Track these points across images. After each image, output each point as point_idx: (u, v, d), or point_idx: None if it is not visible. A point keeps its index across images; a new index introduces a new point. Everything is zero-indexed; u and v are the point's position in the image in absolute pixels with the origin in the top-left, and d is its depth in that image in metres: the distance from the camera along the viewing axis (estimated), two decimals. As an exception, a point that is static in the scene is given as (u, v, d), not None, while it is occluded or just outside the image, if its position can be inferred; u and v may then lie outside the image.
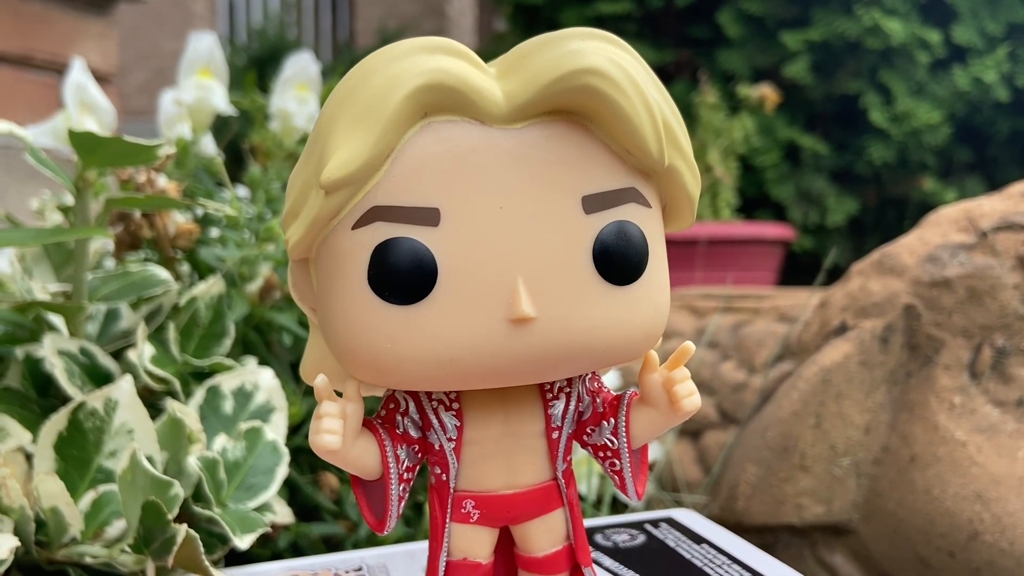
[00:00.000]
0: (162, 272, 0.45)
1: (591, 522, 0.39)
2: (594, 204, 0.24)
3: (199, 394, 0.42)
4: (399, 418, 0.26)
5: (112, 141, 0.37)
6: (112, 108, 0.52)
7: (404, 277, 0.23)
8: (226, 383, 0.43)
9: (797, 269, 1.28)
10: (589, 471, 0.55)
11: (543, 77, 0.23)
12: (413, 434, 0.26)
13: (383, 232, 0.23)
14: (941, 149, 1.22)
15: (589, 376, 0.28)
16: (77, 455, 0.37)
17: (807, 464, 0.53)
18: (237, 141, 0.68)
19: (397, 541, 0.48)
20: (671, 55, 1.35)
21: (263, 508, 0.40)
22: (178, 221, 0.49)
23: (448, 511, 0.27)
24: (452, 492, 0.26)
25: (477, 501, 0.26)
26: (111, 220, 0.47)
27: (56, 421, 0.37)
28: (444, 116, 0.23)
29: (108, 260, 0.54)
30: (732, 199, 1.13)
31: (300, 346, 0.52)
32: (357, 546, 0.48)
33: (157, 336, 0.44)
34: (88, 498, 0.37)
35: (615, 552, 0.36)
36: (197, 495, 0.38)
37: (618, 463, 0.27)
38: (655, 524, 0.38)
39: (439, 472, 0.27)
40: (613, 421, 0.27)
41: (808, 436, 0.53)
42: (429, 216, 0.23)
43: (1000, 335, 0.50)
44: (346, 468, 0.25)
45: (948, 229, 0.53)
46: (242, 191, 0.64)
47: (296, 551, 0.48)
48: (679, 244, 0.98)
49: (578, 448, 0.28)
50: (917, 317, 0.52)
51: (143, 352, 0.42)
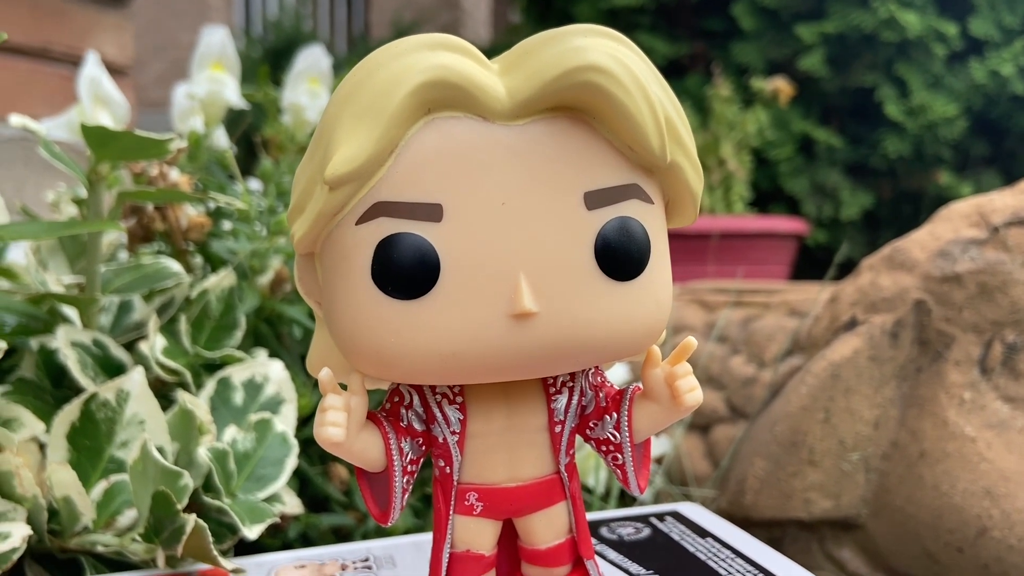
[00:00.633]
0: (174, 265, 0.46)
1: (597, 515, 0.40)
2: (596, 200, 0.24)
3: (210, 386, 0.43)
4: (403, 411, 0.27)
5: (123, 135, 0.38)
6: (126, 102, 0.53)
7: (407, 272, 0.23)
8: (236, 375, 0.43)
9: (811, 263, 1.28)
10: (597, 464, 0.55)
11: (546, 73, 0.23)
12: (417, 427, 0.27)
13: (386, 227, 0.23)
14: (957, 143, 1.21)
15: (592, 371, 0.28)
16: (89, 445, 0.38)
17: (815, 459, 0.53)
18: (251, 134, 0.68)
19: (407, 532, 0.48)
20: (685, 48, 1.34)
21: (272, 499, 0.40)
22: (190, 214, 0.49)
23: (452, 503, 0.27)
24: (456, 485, 0.27)
25: (480, 494, 0.27)
26: (124, 213, 0.48)
27: (69, 412, 0.38)
28: (447, 112, 0.23)
29: (122, 252, 0.54)
30: (745, 193, 1.12)
31: (310, 339, 0.52)
32: (366, 537, 0.49)
33: (169, 328, 0.45)
34: (100, 488, 0.37)
35: (620, 545, 0.36)
36: (207, 485, 0.38)
37: (620, 457, 0.27)
38: (660, 518, 0.39)
39: (443, 465, 0.27)
40: (616, 415, 0.27)
41: (817, 431, 0.53)
42: (432, 212, 0.23)
43: (1011, 331, 0.50)
44: (350, 460, 0.26)
45: (959, 224, 0.53)
46: (255, 184, 0.65)
47: (306, 541, 0.48)
48: (691, 238, 0.98)
49: (585, 442, 0.28)
50: (927, 312, 0.52)
51: (155, 344, 0.42)
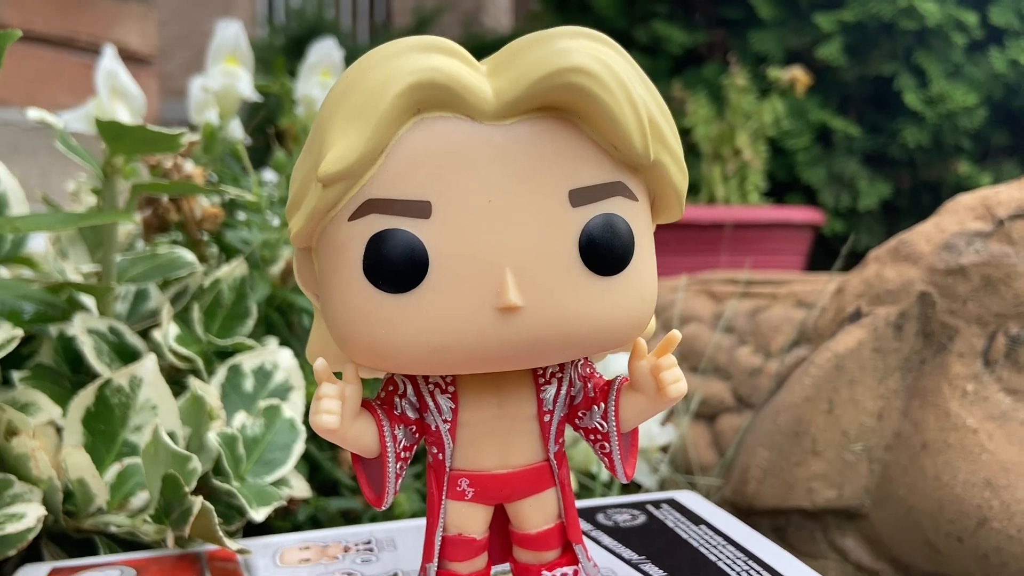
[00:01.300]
0: (188, 254, 0.47)
1: (594, 502, 0.40)
2: (581, 198, 0.25)
3: (221, 372, 0.44)
4: (397, 400, 0.28)
5: (137, 129, 0.39)
6: (142, 95, 0.54)
7: (397, 267, 0.24)
8: (247, 362, 0.44)
9: (829, 253, 1.27)
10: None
11: (531, 75, 0.24)
12: (411, 415, 0.27)
13: (377, 224, 0.24)
14: (977, 132, 1.20)
15: (581, 362, 0.29)
16: (104, 429, 0.39)
17: (818, 449, 0.53)
18: (269, 124, 0.69)
19: (415, 516, 0.50)
20: (703, 36, 1.34)
21: (280, 482, 0.41)
22: (204, 205, 0.50)
23: (444, 489, 0.28)
24: (448, 471, 0.28)
25: (472, 480, 0.28)
26: (139, 204, 0.49)
27: (84, 396, 0.39)
28: (436, 112, 0.24)
29: (139, 242, 0.55)
30: (760, 183, 1.12)
31: (321, 327, 0.53)
32: (374, 520, 0.50)
33: (182, 316, 0.46)
34: (114, 470, 0.39)
35: (615, 531, 0.37)
36: (217, 469, 0.40)
37: (608, 446, 0.28)
38: (656, 505, 0.39)
39: (436, 452, 0.28)
40: (603, 405, 0.28)
41: (820, 421, 0.53)
42: (421, 209, 0.24)
43: (1014, 323, 0.50)
44: (346, 446, 0.27)
45: (965, 217, 0.53)
46: (270, 175, 0.66)
47: (315, 524, 0.50)
48: (704, 228, 0.99)
49: (574, 431, 0.29)
50: (932, 305, 0.52)
51: (168, 332, 0.44)
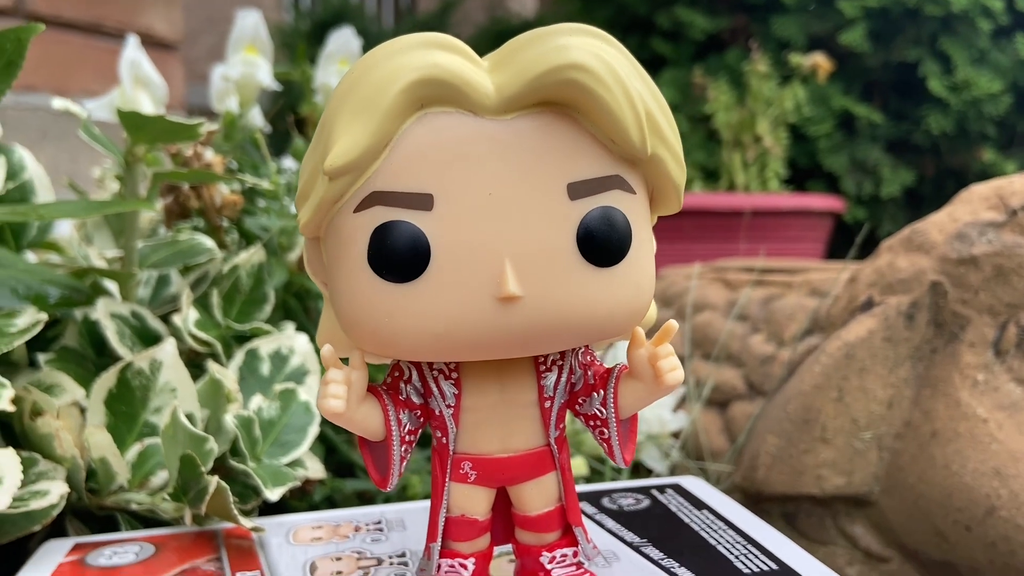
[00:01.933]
0: (207, 241, 0.48)
1: (601, 486, 0.41)
2: (579, 191, 0.25)
3: (239, 356, 0.45)
4: (403, 385, 0.28)
5: (157, 120, 0.40)
6: (165, 84, 0.55)
7: (400, 257, 0.25)
8: (264, 347, 0.46)
9: (852, 241, 1.27)
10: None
11: (531, 71, 0.24)
12: (415, 400, 0.28)
13: (381, 215, 0.25)
14: (1002, 119, 1.19)
15: (582, 350, 0.29)
16: (125, 411, 0.41)
17: (828, 437, 0.54)
18: (289, 112, 0.70)
19: (426, 497, 0.51)
20: (726, 22, 1.33)
21: (295, 464, 0.42)
22: (224, 192, 0.51)
23: (448, 471, 0.29)
24: (451, 454, 0.29)
25: (474, 463, 0.29)
26: (161, 192, 0.50)
27: (106, 379, 0.40)
28: (439, 108, 0.25)
29: (162, 228, 0.57)
30: (781, 170, 1.11)
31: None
32: (388, 501, 0.51)
33: (202, 301, 0.47)
34: (135, 450, 0.40)
35: (619, 515, 0.37)
36: (234, 450, 0.41)
37: (607, 431, 0.29)
38: (661, 490, 0.40)
39: (440, 436, 0.29)
40: (603, 392, 0.29)
41: (830, 409, 0.54)
42: (423, 201, 0.25)
43: (1026, 314, 0.50)
44: (352, 429, 0.28)
45: (978, 207, 0.53)
46: (290, 163, 0.67)
47: (331, 505, 0.51)
48: (723, 215, 0.98)
49: (575, 417, 0.30)
50: (943, 294, 0.52)
51: (187, 316, 0.45)
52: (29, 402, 0.38)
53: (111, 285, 0.48)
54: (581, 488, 0.41)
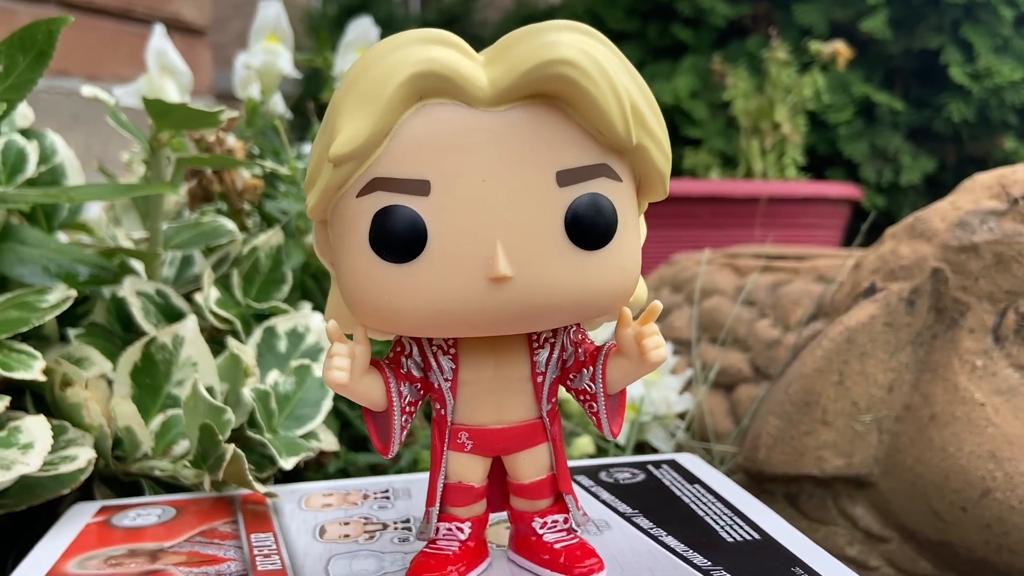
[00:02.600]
0: (229, 223, 0.50)
1: (600, 460, 0.43)
2: (567, 178, 0.27)
3: (257, 334, 0.47)
4: (404, 360, 0.30)
5: (180, 107, 0.42)
6: (189, 71, 0.57)
7: (399, 239, 0.26)
8: (281, 325, 0.48)
9: (872, 228, 1.27)
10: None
11: (522, 65, 0.26)
12: (415, 374, 0.30)
13: (382, 200, 0.27)
14: (1023, 108, 1.19)
15: (574, 328, 0.31)
16: (150, 383, 0.43)
17: (828, 419, 0.55)
18: (310, 99, 0.72)
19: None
20: (747, 8, 1.33)
21: (309, 436, 0.45)
22: (245, 177, 0.54)
23: (446, 441, 0.31)
24: (449, 425, 0.30)
25: (471, 433, 0.30)
26: (185, 176, 0.53)
27: (132, 352, 0.43)
28: (436, 99, 0.27)
29: (187, 211, 0.59)
30: (798, 157, 1.12)
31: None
32: (400, 473, 0.53)
33: (223, 281, 0.50)
34: (158, 420, 0.42)
35: (614, 487, 0.39)
36: (251, 422, 0.43)
37: (595, 405, 0.30)
38: (657, 465, 0.42)
39: (439, 407, 0.31)
40: (592, 369, 0.30)
41: (831, 392, 0.55)
42: (421, 187, 0.26)
43: (1025, 301, 0.51)
44: (356, 400, 0.29)
45: (981, 195, 0.54)
46: (310, 148, 0.69)
47: (345, 476, 0.53)
48: (739, 202, 0.99)
49: (566, 392, 0.32)
50: (944, 281, 0.53)
51: (209, 295, 0.47)
52: (59, 374, 0.40)
53: (138, 265, 0.50)
54: (583, 463, 0.43)
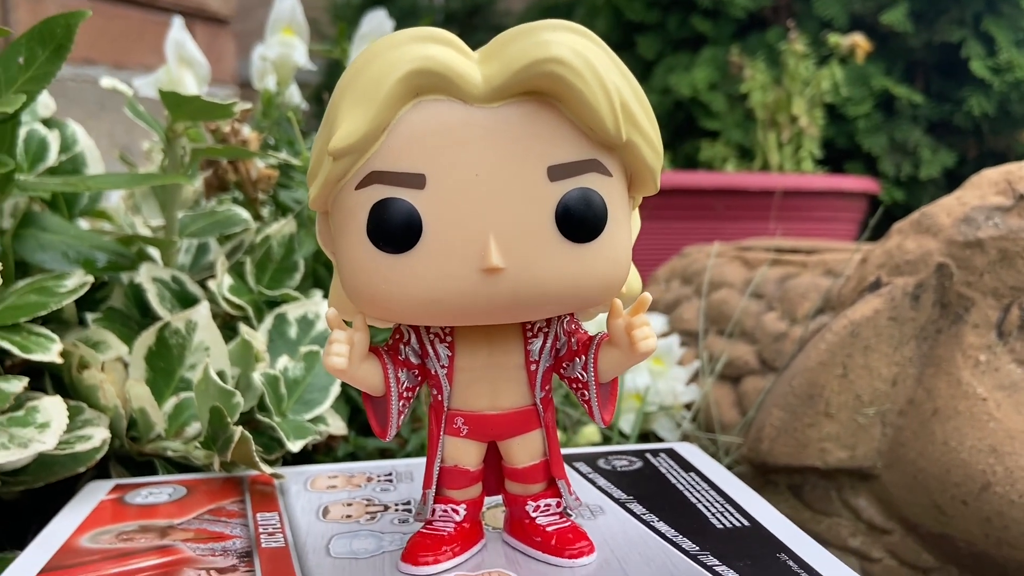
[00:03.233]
0: (243, 212, 0.52)
1: (600, 448, 0.44)
2: (558, 173, 0.28)
3: (268, 320, 0.49)
4: (402, 347, 0.31)
5: (194, 99, 0.43)
6: (207, 63, 0.59)
7: (395, 230, 0.27)
8: (292, 312, 0.49)
9: (890, 222, 1.26)
10: (625, 408, 0.59)
11: (515, 63, 0.27)
12: (413, 360, 0.31)
13: (379, 193, 0.28)
14: (1045, 102, 1.18)
15: (567, 319, 0.32)
16: (163, 367, 0.44)
17: (832, 412, 0.55)
18: (327, 90, 0.73)
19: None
20: (767, 0, 1.32)
21: (317, 420, 0.46)
22: (259, 167, 0.55)
23: (442, 426, 0.32)
24: (446, 410, 0.32)
25: (466, 419, 0.31)
26: (201, 165, 0.54)
27: (146, 337, 0.44)
28: (432, 96, 0.28)
29: (205, 199, 0.61)
30: (815, 150, 1.12)
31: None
32: (408, 457, 0.55)
33: (236, 269, 0.51)
34: (171, 402, 0.44)
35: (611, 474, 0.40)
36: (262, 405, 0.44)
37: (587, 394, 0.31)
38: (655, 454, 0.43)
39: (436, 393, 0.32)
40: (584, 358, 0.31)
41: (834, 385, 0.55)
42: (416, 180, 0.27)
43: (1029, 297, 0.51)
44: (355, 385, 0.31)
45: (987, 191, 0.54)
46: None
47: (354, 459, 0.54)
48: (754, 195, 0.99)
49: (560, 380, 0.33)
50: (949, 276, 0.54)
51: (222, 282, 0.48)
52: (77, 356, 0.42)
53: (154, 252, 0.52)
54: (583, 450, 0.44)
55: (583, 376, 0.31)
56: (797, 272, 0.68)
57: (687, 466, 0.41)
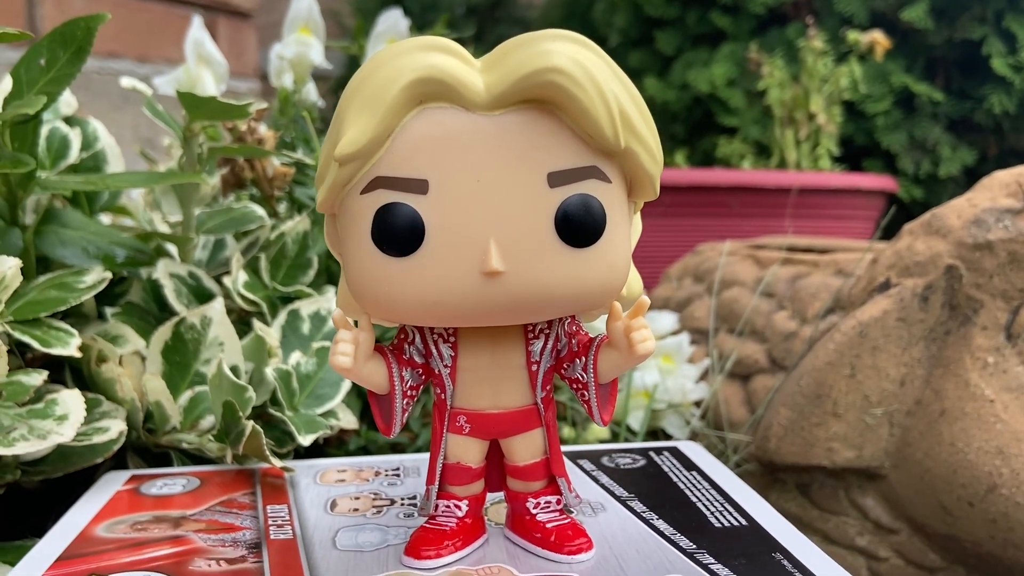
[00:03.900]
0: (258, 209, 0.53)
1: (605, 446, 0.45)
2: (558, 179, 0.28)
3: (282, 316, 0.50)
4: (407, 346, 0.32)
5: (210, 100, 0.44)
6: (225, 62, 0.60)
7: (398, 234, 0.28)
8: (305, 308, 0.50)
9: (909, 220, 1.26)
10: (630, 407, 0.60)
11: (516, 72, 0.28)
12: (417, 360, 0.32)
13: (383, 198, 0.28)
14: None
15: (568, 320, 0.33)
16: (179, 361, 0.45)
17: (839, 411, 0.56)
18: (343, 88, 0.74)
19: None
20: (788, -5, 1.32)
21: (329, 414, 0.47)
22: (275, 164, 0.56)
23: (446, 424, 0.33)
24: (449, 409, 0.32)
25: (469, 417, 0.32)
26: (218, 163, 0.55)
27: (163, 332, 0.45)
28: (436, 103, 0.28)
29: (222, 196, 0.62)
30: (833, 147, 1.11)
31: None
32: (419, 451, 0.56)
33: (252, 265, 0.52)
34: (186, 396, 0.45)
35: (614, 471, 0.41)
36: (274, 400, 0.45)
37: (587, 394, 0.32)
38: (658, 452, 0.43)
39: (439, 392, 0.32)
40: (584, 359, 0.32)
41: (842, 385, 0.56)
42: (420, 186, 0.28)
43: (1038, 299, 0.52)
44: (360, 383, 0.31)
45: (998, 193, 0.54)
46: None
47: (366, 453, 0.55)
48: (769, 192, 0.99)
49: (560, 380, 0.33)
50: (958, 278, 0.54)
51: (237, 278, 0.49)
52: (95, 350, 0.43)
53: (172, 248, 0.53)
54: (588, 447, 0.45)
55: (583, 377, 0.32)
56: (808, 272, 0.68)
57: (690, 465, 0.42)
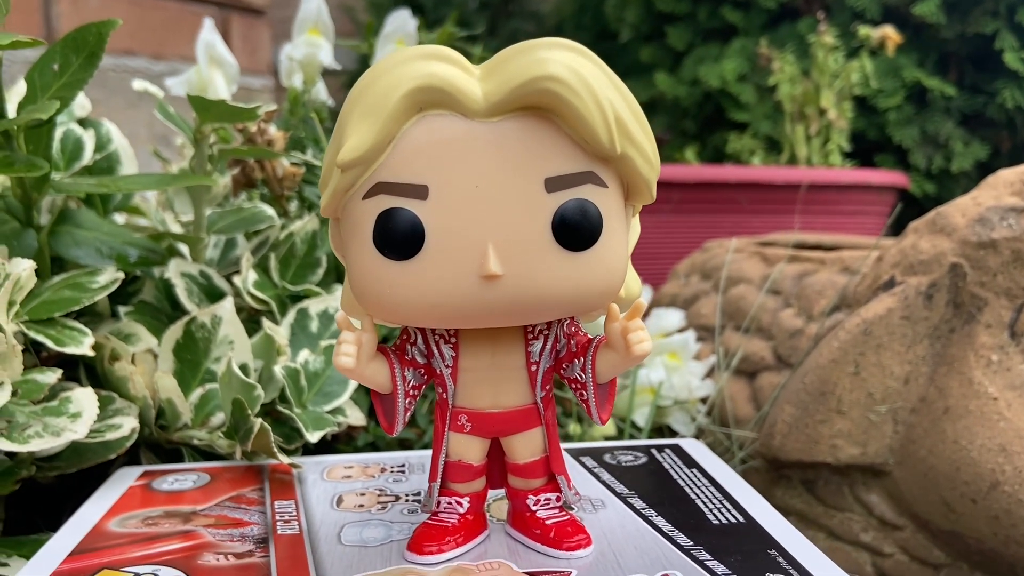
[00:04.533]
0: (268, 209, 0.54)
1: (608, 443, 0.45)
2: (555, 184, 0.29)
3: (291, 315, 0.50)
4: (409, 347, 0.33)
5: (220, 103, 0.45)
6: (236, 63, 0.60)
7: (399, 238, 0.29)
8: (313, 306, 0.51)
9: (921, 215, 1.26)
10: (635, 404, 0.60)
11: (513, 80, 0.28)
12: (419, 360, 0.33)
13: (385, 203, 0.29)
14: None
15: (567, 321, 0.33)
16: (190, 359, 0.46)
17: (843, 409, 0.56)
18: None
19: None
20: (800, -10, 1.32)
21: (336, 411, 0.48)
22: (285, 165, 0.57)
23: (447, 423, 0.33)
24: (450, 408, 0.33)
25: (470, 416, 0.33)
26: (229, 164, 0.56)
27: (174, 330, 0.46)
28: (435, 111, 0.29)
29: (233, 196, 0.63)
30: (844, 143, 1.11)
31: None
32: (426, 447, 0.56)
33: (261, 264, 0.53)
34: (197, 394, 0.46)
35: (615, 469, 0.41)
36: (283, 397, 0.46)
37: (585, 394, 0.33)
38: (660, 449, 0.44)
39: (441, 392, 0.33)
40: (582, 360, 0.33)
41: (846, 383, 0.56)
42: (420, 191, 0.29)
43: (1041, 298, 0.52)
44: (364, 383, 0.32)
45: (1002, 192, 0.55)
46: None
47: (374, 449, 0.56)
48: (779, 188, 0.99)
49: (560, 380, 0.34)
50: (963, 276, 0.54)
51: (247, 277, 0.50)
52: (108, 348, 0.44)
53: (184, 247, 0.54)
54: (590, 445, 0.45)
55: (581, 377, 0.33)
56: (815, 269, 0.68)
57: (690, 462, 0.42)
